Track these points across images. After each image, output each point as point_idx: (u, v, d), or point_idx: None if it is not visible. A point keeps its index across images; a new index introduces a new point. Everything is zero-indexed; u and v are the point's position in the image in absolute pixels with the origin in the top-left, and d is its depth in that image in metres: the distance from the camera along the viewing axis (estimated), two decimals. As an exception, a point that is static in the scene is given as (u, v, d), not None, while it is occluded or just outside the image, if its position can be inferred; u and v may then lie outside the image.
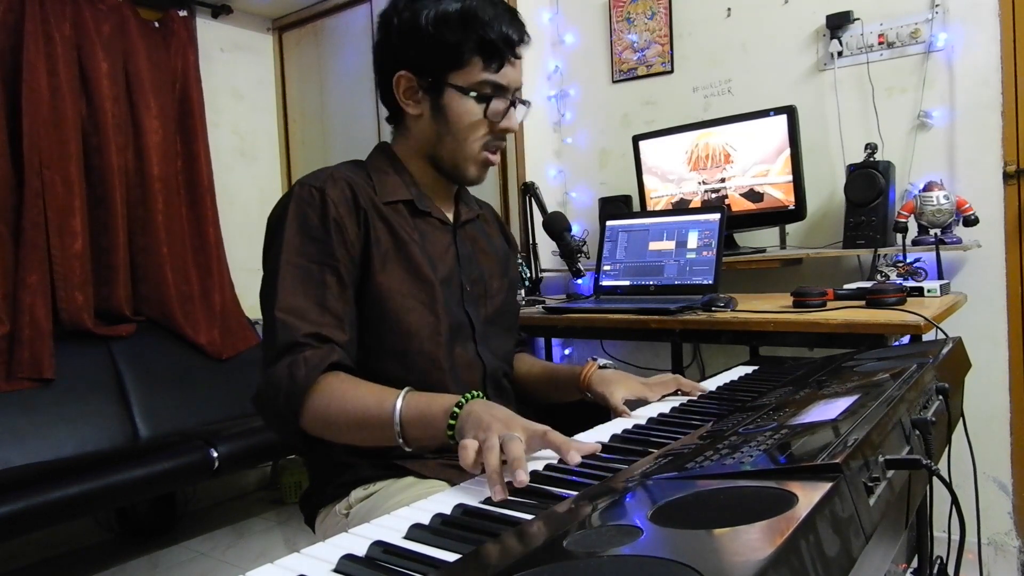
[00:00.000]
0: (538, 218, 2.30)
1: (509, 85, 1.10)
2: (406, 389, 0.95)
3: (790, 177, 2.10)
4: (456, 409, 0.89)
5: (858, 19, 2.15)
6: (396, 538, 0.66)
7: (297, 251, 1.03)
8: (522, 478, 0.75)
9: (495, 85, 1.08)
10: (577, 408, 1.27)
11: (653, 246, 2.05)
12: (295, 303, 1.00)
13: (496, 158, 1.16)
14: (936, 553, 1.29)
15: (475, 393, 0.92)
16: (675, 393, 1.20)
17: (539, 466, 0.85)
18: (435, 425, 0.91)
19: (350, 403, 0.96)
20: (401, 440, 0.93)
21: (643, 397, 1.16)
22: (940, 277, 1.89)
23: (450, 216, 1.20)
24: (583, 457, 0.83)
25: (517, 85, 1.12)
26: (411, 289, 1.09)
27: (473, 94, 1.08)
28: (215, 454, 2.37)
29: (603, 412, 1.17)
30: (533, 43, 1.16)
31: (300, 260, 1.02)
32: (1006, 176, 1.99)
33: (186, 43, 3.03)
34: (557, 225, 2.20)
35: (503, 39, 1.06)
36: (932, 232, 1.93)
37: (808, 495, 0.53)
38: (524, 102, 1.15)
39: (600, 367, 1.22)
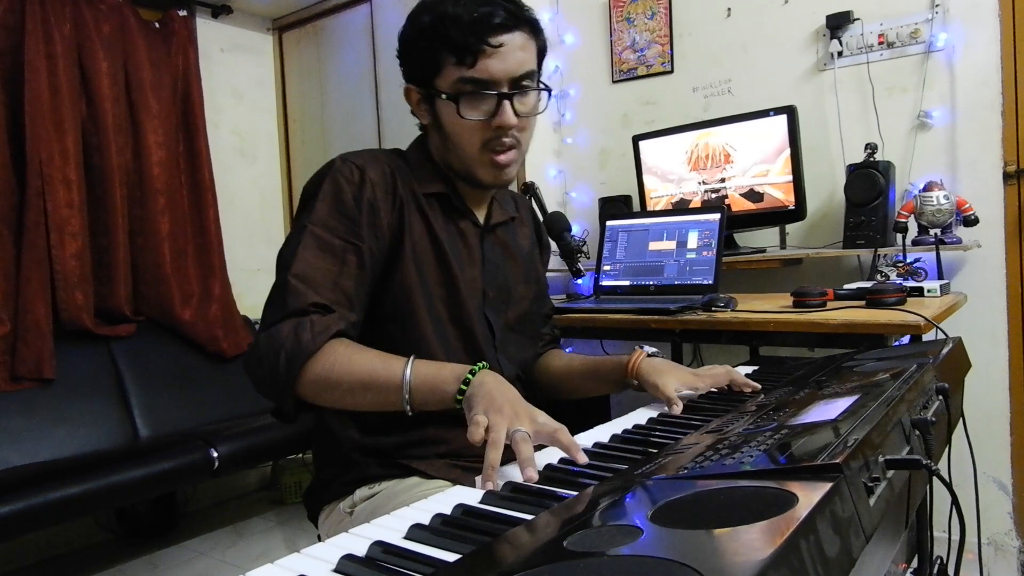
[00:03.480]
0: (538, 218, 2.30)
1: (492, 77, 1.00)
2: (412, 355, 0.95)
3: (790, 177, 2.10)
4: (469, 375, 0.89)
5: (858, 19, 2.15)
6: (396, 538, 0.66)
7: (324, 223, 1.01)
8: (531, 475, 0.76)
9: (474, 81, 1.01)
10: (578, 410, 1.27)
11: (653, 246, 2.05)
12: (310, 272, 0.99)
13: (507, 156, 1.06)
14: (936, 553, 1.29)
15: (484, 364, 0.93)
16: (727, 388, 1.16)
17: (539, 466, 0.85)
18: (444, 389, 0.91)
19: (356, 365, 0.94)
20: (408, 404, 0.92)
21: (693, 387, 1.14)
22: (940, 277, 1.89)
23: (482, 217, 1.18)
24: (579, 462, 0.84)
25: (506, 75, 1.01)
26: (436, 286, 1.08)
27: (444, 95, 1.03)
28: (215, 454, 2.37)
29: (603, 413, 1.17)
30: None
31: (325, 233, 1.01)
32: (1006, 176, 1.99)
33: (186, 43, 3.03)
34: (557, 225, 2.19)
35: (469, 28, 0.98)
36: (932, 232, 1.93)
37: (808, 495, 0.53)
38: (526, 88, 1.05)
39: (648, 355, 1.18)
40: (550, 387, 1.29)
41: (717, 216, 1.94)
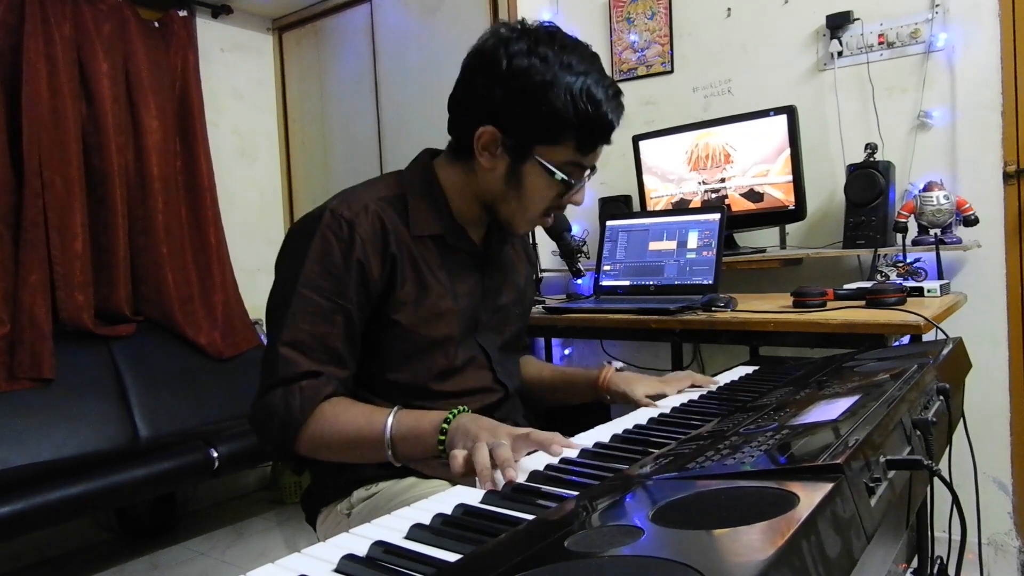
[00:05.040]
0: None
1: (589, 165, 1.07)
2: (396, 408, 0.99)
3: (790, 177, 2.10)
4: (444, 425, 0.92)
5: (858, 19, 2.15)
6: (397, 538, 0.66)
7: (313, 284, 1.02)
8: (511, 475, 0.79)
9: (580, 167, 1.05)
10: (578, 410, 1.29)
11: (653, 246, 2.05)
12: (300, 338, 1.01)
13: (550, 222, 1.15)
14: (937, 553, 1.29)
15: (462, 408, 0.96)
16: (691, 387, 1.24)
17: (539, 466, 0.85)
18: (425, 440, 0.94)
19: (342, 425, 0.99)
20: (391, 456, 0.96)
21: (661, 392, 1.20)
22: (940, 277, 1.89)
23: (477, 239, 1.17)
24: (581, 456, 0.86)
25: (595, 163, 1.09)
26: (428, 330, 1.09)
27: (559, 176, 1.04)
28: (215, 454, 2.37)
29: (603, 413, 1.18)
30: None
31: (313, 294, 1.02)
32: (1006, 176, 1.99)
33: (186, 43, 3.03)
34: (557, 225, 2.19)
35: (604, 126, 1.02)
36: (932, 232, 1.93)
37: (809, 495, 0.53)
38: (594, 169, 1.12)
39: (616, 370, 1.26)
40: (519, 393, 1.31)
41: (717, 216, 1.94)
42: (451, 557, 0.60)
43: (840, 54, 2.19)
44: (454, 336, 1.11)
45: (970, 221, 1.92)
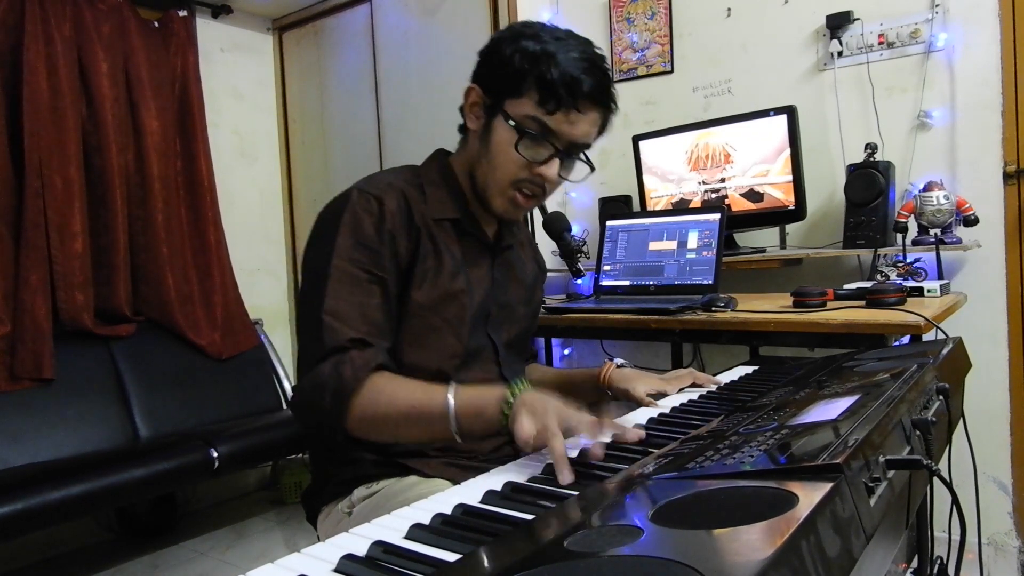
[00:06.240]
0: (538, 218, 2.30)
1: (560, 133, 1.04)
2: (452, 383, 0.97)
3: (790, 177, 2.10)
4: (509, 399, 0.91)
5: (858, 19, 2.15)
6: (396, 538, 0.66)
7: (348, 257, 1.02)
8: (598, 454, 0.84)
9: (543, 126, 1.04)
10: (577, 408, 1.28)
11: (653, 246, 2.05)
12: (341, 308, 1.00)
13: (527, 203, 1.10)
14: (936, 553, 1.29)
15: (522, 383, 0.94)
16: (692, 386, 1.25)
17: (539, 469, 0.85)
18: (489, 413, 0.92)
19: (400, 399, 0.97)
20: (456, 432, 0.94)
21: (662, 391, 1.21)
22: (940, 277, 1.89)
23: (491, 234, 1.19)
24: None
25: (572, 138, 1.05)
26: (442, 309, 1.09)
27: (512, 123, 1.04)
28: (215, 454, 2.37)
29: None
30: None
31: (350, 266, 1.02)
32: (1006, 176, 1.99)
33: (186, 43, 3.03)
34: (557, 225, 2.20)
35: (567, 82, 1.01)
36: (932, 232, 1.93)
37: (809, 495, 0.53)
38: (577, 159, 1.10)
39: (618, 367, 1.26)
40: None
41: (717, 216, 1.94)
42: (451, 557, 0.60)
43: (840, 54, 2.19)
44: (465, 318, 1.11)
45: (970, 221, 1.92)
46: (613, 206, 2.48)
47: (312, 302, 1.02)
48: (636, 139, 2.41)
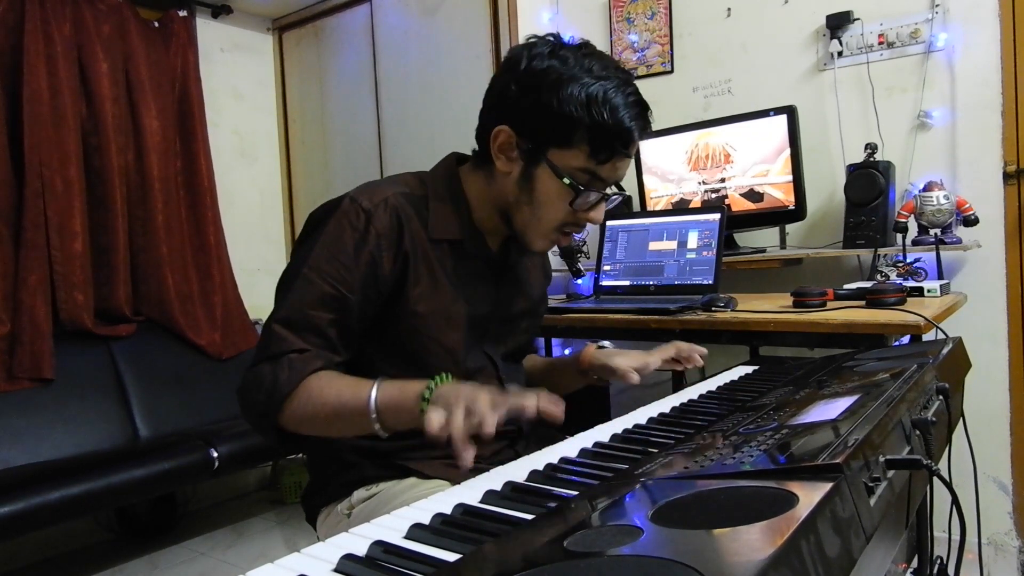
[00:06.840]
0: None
1: (607, 179, 1.03)
2: (380, 378, 0.96)
3: (790, 177, 2.10)
4: (427, 392, 0.90)
5: (858, 19, 2.15)
6: (396, 538, 0.66)
7: (318, 267, 1.01)
8: (488, 432, 0.80)
9: (593, 176, 1.01)
10: (579, 409, 1.28)
11: (653, 246, 2.05)
12: (295, 318, 1.00)
13: (568, 241, 1.10)
14: (936, 553, 1.29)
15: (444, 376, 0.93)
16: (675, 360, 1.24)
17: (539, 466, 0.85)
18: (408, 407, 0.91)
19: (328, 396, 0.97)
20: (378, 426, 0.93)
21: (644, 364, 1.18)
22: (940, 277, 1.89)
23: (496, 248, 1.16)
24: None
25: (617, 179, 1.04)
26: (439, 331, 1.07)
27: (567, 180, 1.00)
28: (215, 454, 2.37)
29: (603, 413, 1.18)
30: None
31: (317, 278, 1.01)
32: (1006, 176, 1.99)
33: (186, 43, 3.03)
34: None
35: (619, 133, 0.98)
36: (932, 232, 1.93)
37: (809, 495, 0.53)
38: (619, 194, 1.09)
39: (599, 347, 1.24)
40: None
41: (717, 216, 1.94)
42: (451, 557, 0.60)
43: (840, 54, 2.19)
44: (462, 343, 1.09)
45: (970, 221, 1.92)
46: (613, 206, 2.48)
47: (276, 303, 1.03)
48: (636, 139, 2.40)
